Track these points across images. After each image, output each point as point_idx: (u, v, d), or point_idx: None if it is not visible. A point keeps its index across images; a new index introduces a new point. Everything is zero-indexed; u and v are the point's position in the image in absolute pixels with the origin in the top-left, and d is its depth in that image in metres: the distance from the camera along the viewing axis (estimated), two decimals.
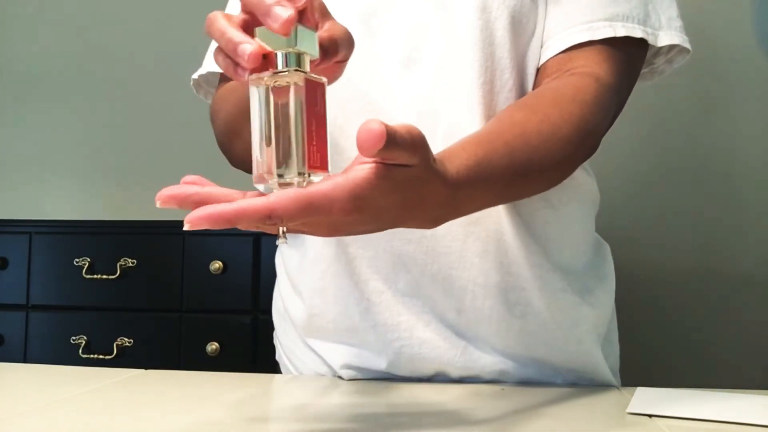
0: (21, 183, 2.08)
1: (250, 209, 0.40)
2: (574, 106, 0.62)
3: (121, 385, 0.70)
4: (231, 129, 0.73)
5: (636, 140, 1.70)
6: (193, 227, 0.40)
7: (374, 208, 0.44)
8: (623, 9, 0.67)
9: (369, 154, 0.41)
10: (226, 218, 0.40)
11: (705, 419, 0.56)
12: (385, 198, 0.45)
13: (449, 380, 0.72)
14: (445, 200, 0.50)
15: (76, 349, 1.58)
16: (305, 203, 0.41)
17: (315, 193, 0.42)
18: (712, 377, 1.66)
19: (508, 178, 0.56)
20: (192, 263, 1.56)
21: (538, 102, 0.63)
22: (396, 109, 0.69)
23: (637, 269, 1.69)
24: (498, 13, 0.67)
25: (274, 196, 0.41)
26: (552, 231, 0.71)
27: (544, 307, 0.70)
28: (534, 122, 0.60)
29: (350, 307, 0.71)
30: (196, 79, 0.83)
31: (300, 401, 0.67)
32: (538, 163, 0.59)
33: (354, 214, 0.43)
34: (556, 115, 0.61)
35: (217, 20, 0.47)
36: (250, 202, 0.41)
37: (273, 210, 0.40)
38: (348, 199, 0.42)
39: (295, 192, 0.41)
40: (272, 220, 0.41)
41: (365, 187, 0.43)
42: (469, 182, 0.52)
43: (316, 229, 0.47)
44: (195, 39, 0.82)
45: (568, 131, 0.61)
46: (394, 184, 0.44)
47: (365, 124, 0.40)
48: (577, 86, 0.64)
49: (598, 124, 0.65)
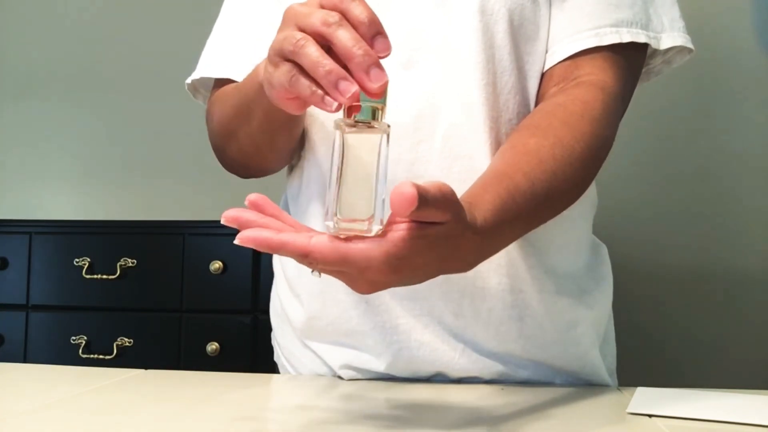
0: (21, 183, 2.07)
1: (290, 245, 0.44)
2: (584, 124, 0.63)
3: (121, 385, 0.70)
4: (226, 131, 0.73)
5: (635, 140, 1.70)
6: (242, 244, 0.44)
7: (411, 266, 0.46)
8: (627, 15, 0.68)
9: (403, 216, 0.43)
10: (271, 246, 0.44)
11: (705, 419, 0.56)
12: (422, 256, 0.46)
13: (448, 380, 0.72)
14: (477, 246, 0.51)
15: (76, 349, 1.58)
16: (341, 256, 0.44)
17: (353, 249, 0.44)
18: (712, 377, 1.66)
19: (532, 210, 0.58)
20: (192, 263, 1.56)
21: (549, 124, 0.64)
22: (396, 110, 0.68)
23: (636, 269, 1.69)
24: (498, 16, 0.68)
25: (316, 240, 0.44)
26: (550, 233, 0.71)
27: (542, 309, 0.70)
28: (547, 147, 0.60)
29: (349, 310, 0.71)
30: (194, 84, 0.83)
31: (299, 401, 0.67)
32: (558, 188, 0.60)
33: (390, 274, 0.45)
34: (568, 137, 0.62)
35: (309, 46, 0.47)
36: (294, 238, 0.44)
37: (310, 252, 0.44)
38: (384, 260, 0.44)
39: (334, 242, 0.44)
40: (308, 260, 0.44)
41: (402, 247, 0.44)
42: (497, 226, 0.53)
43: (354, 282, 0.48)
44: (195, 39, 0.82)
45: (582, 151, 0.62)
46: (429, 242, 0.46)
47: (398, 188, 0.41)
48: (585, 101, 0.65)
49: (609, 136, 0.66)
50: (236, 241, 0.44)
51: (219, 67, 0.77)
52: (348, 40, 0.46)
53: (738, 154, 1.71)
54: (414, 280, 0.49)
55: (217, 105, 0.75)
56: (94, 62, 2.05)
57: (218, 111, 0.75)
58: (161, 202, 1.96)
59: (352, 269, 0.45)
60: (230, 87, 0.74)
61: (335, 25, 0.47)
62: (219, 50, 0.79)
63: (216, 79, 0.79)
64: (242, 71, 0.75)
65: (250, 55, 0.76)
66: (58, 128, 2.06)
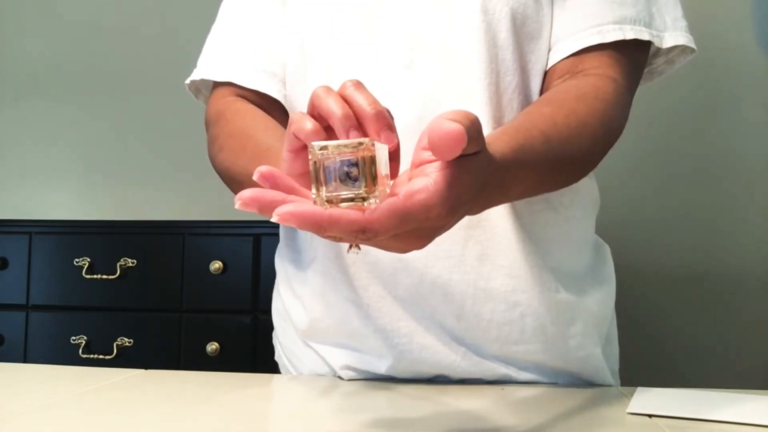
0: (21, 183, 2.08)
1: (344, 219, 0.39)
2: (598, 102, 0.64)
3: (121, 385, 0.70)
4: (229, 178, 0.70)
5: (636, 141, 1.70)
6: (282, 222, 0.38)
7: (462, 203, 0.43)
8: (630, 12, 0.68)
9: (452, 157, 0.40)
10: (318, 223, 0.38)
11: (705, 419, 0.56)
12: (469, 191, 0.43)
13: (449, 381, 0.72)
14: (497, 181, 0.49)
15: (76, 349, 1.58)
16: (402, 215, 0.39)
17: (410, 203, 0.40)
18: (712, 377, 1.66)
19: (545, 165, 0.57)
20: (192, 263, 1.56)
21: (563, 98, 0.64)
22: (398, 110, 0.68)
23: (638, 270, 1.69)
24: (501, 15, 0.67)
25: (370, 211, 0.39)
26: (553, 233, 0.71)
27: (545, 309, 0.70)
28: (562, 115, 0.61)
29: (350, 312, 0.71)
30: (195, 84, 0.82)
31: (300, 401, 0.67)
32: (570, 155, 0.60)
33: (449, 217, 0.42)
34: (582, 110, 0.62)
35: (331, 95, 0.45)
36: (346, 213, 0.39)
37: (368, 224, 0.39)
38: (442, 204, 0.41)
39: (388, 203, 0.39)
40: (366, 234, 0.39)
41: (455, 185, 0.41)
42: (515, 163, 0.51)
43: (405, 241, 0.44)
44: (196, 39, 0.82)
45: (594, 126, 0.62)
46: (474, 176, 0.43)
47: (439, 127, 0.38)
48: (597, 85, 0.65)
49: (619, 120, 0.66)
50: (274, 218, 0.38)
51: (219, 69, 0.77)
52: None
53: (739, 155, 1.71)
54: (455, 220, 0.45)
55: (225, 151, 0.70)
56: (94, 62, 2.05)
57: (225, 158, 0.70)
58: (161, 202, 1.96)
59: (412, 225, 0.41)
60: (245, 133, 0.69)
61: None
62: (219, 51, 0.79)
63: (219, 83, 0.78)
64: (242, 74, 0.75)
65: (250, 57, 0.76)
66: (58, 128, 2.06)
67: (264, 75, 0.75)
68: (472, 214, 0.50)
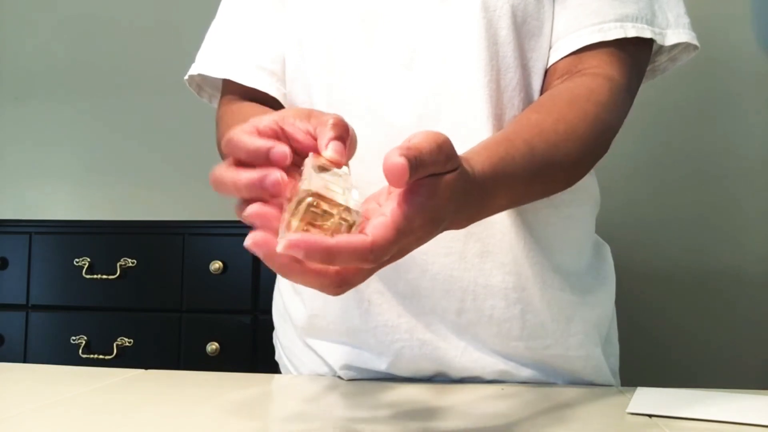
0: (21, 183, 2.08)
1: (351, 246, 0.39)
2: (590, 105, 0.63)
3: (121, 385, 0.70)
4: None
5: (636, 140, 1.70)
6: (287, 251, 0.39)
7: (444, 214, 0.45)
8: (632, 10, 0.68)
9: (400, 188, 0.42)
10: (324, 252, 0.39)
11: (705, 419, 0.56)
12: (447, 206, 0.45)
13: (449, 381, 0.72)
14: (476, 199, 0.50)
15: (76, 349, 1.58)
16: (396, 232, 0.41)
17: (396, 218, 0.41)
18: (712, 377, 1.66)
19: (529, 174, 0.57)
20: (192, 263, 1.56)
21: (553, 103, 0.64)
22: (398, 110, 0.68)
23: (637, 269, 1.69)
24: (501, 12, 0.67)
25: (370, 231, 0.40)
26: (553, 231, 0.71)
27: (545, 307, 0.70)
28: (550, 122, 0.61)
29: (351, 308, 0.71)
30: (197, 82, 0.82)
31: (300, 401, 0.67)
32: (559, 161, 0.60)
33: (427, 226, 0.44)
34: (572, 115, 0.62)
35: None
36: (351, 239, 0.40)
37: (374, 243, 0.40)
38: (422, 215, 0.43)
39: (380, 220, 0.41)
40: (373, 254, 0.40)
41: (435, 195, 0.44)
42: (494, 178, 0.52)
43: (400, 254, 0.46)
44: (196, 40, 0.81)
45: (585, 130, 0.62)
46: (451, 192, 0.45)
47: (386, 159, 0.40)
48: (591, 87, 0.65)
49: (613, 122, 0.66)
50: (279, 248, 0.39)
51: (217, 65, 0.77)
52: None
53: (739, 155, 1.71)
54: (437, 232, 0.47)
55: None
56: (94, 62, 2.05)
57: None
58: (161, 202, 1.96)
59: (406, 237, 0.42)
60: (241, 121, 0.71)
61: None
62: (217, 48, 0.79)
63: (225, 86, 0.78)
64: (242, 71, 0.75)
65: (249, 55, 0.76)
66: (58, 128, 2.06)
67: (263, 73, 0.75)
68: (455, 228, 0.51)
